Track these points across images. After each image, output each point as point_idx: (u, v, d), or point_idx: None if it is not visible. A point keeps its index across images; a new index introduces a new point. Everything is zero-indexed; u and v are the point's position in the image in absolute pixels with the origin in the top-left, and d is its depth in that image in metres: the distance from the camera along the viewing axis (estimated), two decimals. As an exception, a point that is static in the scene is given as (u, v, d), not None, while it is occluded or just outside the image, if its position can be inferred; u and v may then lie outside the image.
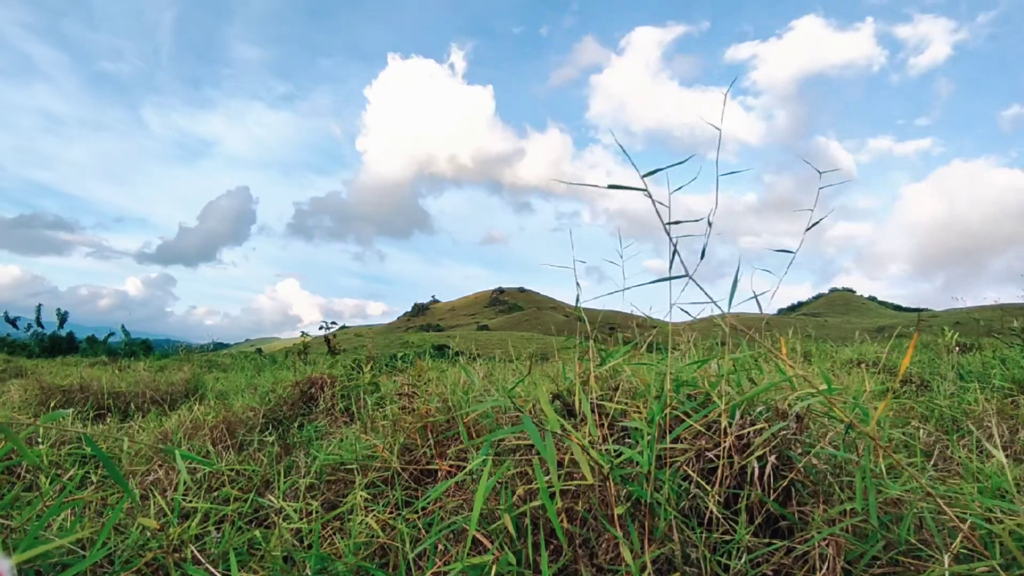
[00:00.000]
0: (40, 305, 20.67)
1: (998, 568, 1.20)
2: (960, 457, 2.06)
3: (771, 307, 2.22)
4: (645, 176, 1.46)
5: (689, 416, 1.85)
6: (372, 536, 1.89)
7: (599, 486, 1.65)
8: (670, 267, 1.59)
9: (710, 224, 1.75)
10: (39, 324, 20.61)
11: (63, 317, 21.02)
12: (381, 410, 3.23)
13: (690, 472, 1.72)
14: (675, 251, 1.60)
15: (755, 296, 1.96)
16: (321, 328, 7.37)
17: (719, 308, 1.54)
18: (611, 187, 1.50)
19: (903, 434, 2.45)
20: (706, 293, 1.66)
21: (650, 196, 1.44)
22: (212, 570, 1.65)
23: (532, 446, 2.01)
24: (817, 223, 1.88)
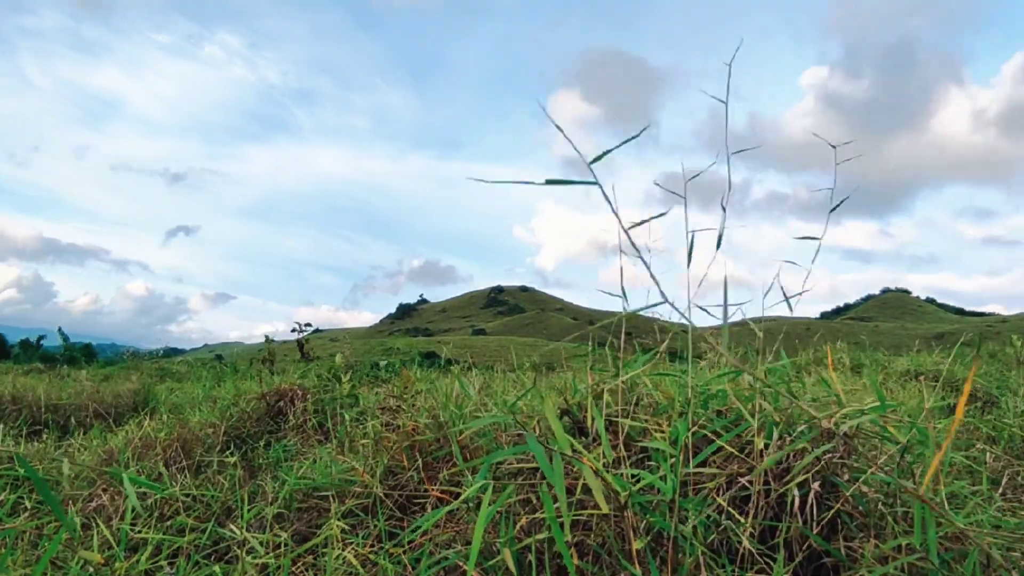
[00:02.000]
0: None
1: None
2: (1033, 485, 2.06)
3: (814, 310, 2.21)
4: (593, 163, 1.36)
5: (719, 436, 1.84)
6: (350, 572, 1.89)
7: (615, 516, 1.64)
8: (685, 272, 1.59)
9: (724, 209, 1.74)
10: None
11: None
12: (361, 427, 3.23)
13: (720, 501, 1.72)
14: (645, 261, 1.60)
15: (786, 299, 1.96)
16: (293, 331, 7.36)
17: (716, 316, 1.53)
18: (549, 183, 1.37)
19: (966, 458, 2.44)
20: (676, 309, 1.65)
21: (601, 188, 1.34)
22: (165, 611, 1.65)
23: (537, 470, 2.01)
24: (839, 205, 1.88)
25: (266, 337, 7.23)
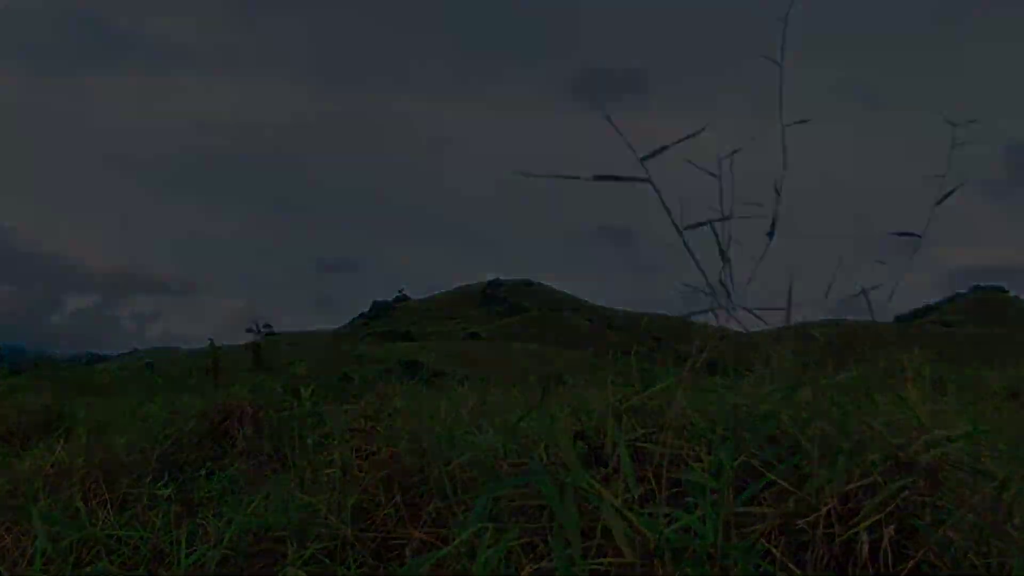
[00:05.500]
0: None
1: None
2: None
3: (886, 312, 2.19)
4: (646, 159, 1.53)
5: (771, 467, 1.84)
6: (313, 633, 1.89)
7: (641, 565, 1.64)
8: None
9: (778, 192, 1.74)
10: None
11: None
12: (326, 453, 3.23)
13: (771, 548, 1.71)
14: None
15: (864, 292, 1.96)
16: (249, 331, 7.36)
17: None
18: (598, 179, 1.57)
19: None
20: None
21: (656, 190, 1.53)
22: None
23: (545, 507, 2.01)
24: (950, 193, 1.87)
25: (210, 341, 7.24)
